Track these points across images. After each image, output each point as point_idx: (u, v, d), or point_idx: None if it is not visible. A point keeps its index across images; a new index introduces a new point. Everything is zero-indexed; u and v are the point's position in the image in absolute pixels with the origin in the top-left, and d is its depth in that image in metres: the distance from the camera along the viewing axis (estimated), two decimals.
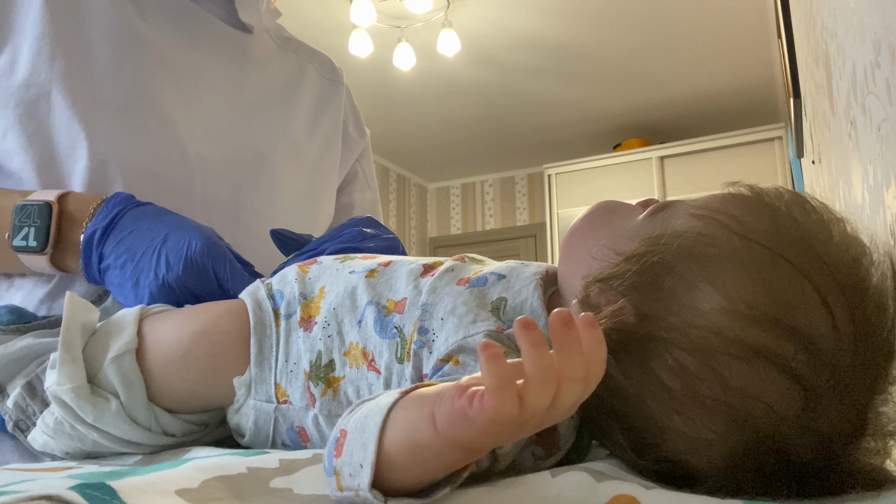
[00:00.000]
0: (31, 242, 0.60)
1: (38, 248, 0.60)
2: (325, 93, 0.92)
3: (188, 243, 0.57)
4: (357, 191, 0.97)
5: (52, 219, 0.60)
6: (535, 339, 0.26)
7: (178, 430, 0.51)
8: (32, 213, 0.60)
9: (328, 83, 0.93)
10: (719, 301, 0.35)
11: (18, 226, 0.60)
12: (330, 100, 0.92)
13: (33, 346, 0.54)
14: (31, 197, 0.61)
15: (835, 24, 0.87)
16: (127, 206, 0.60)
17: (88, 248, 0.59)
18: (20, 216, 0.60)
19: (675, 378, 0.35)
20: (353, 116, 0.97)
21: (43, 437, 0.50)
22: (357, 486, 0.29)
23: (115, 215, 0.60)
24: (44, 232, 0.60)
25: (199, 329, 0.51)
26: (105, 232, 0.59)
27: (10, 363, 0.53)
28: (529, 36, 3.33)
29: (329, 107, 0.92)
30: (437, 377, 0.42)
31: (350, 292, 0.49)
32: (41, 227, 0.59)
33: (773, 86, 3.84)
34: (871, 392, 0.35)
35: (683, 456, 0.36)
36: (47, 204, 0.60)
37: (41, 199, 0.60)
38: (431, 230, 5.53)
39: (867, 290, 0.35)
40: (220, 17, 0.80)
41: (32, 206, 0.60)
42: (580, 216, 0.47)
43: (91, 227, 0.60)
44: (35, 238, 0.60)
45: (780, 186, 0.40)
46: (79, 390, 0.47)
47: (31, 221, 0.60)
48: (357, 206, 0.97)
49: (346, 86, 0.96)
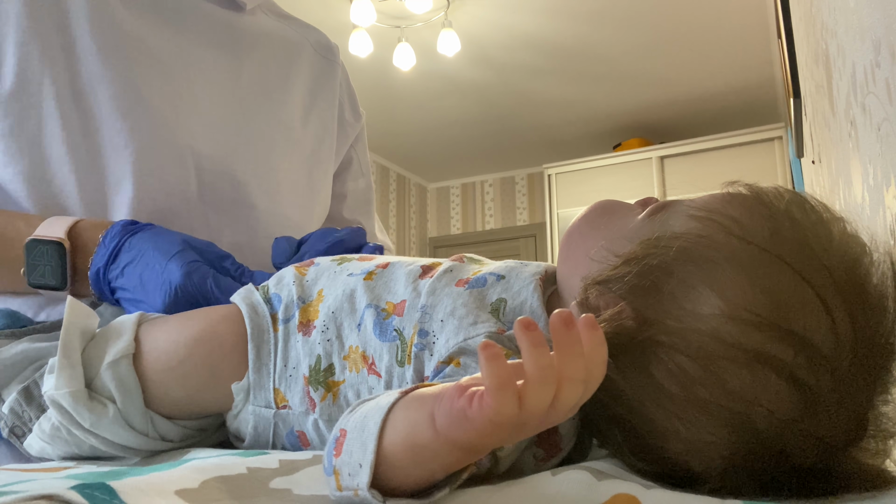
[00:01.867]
0: (50, 280, 0.60)
1: (58, 286, 0.60)
2: (321, 73, 0.89)
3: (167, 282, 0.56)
4: (351, 179, 0.94)
5: (65, 258, 0.60)
6: (536, 339, 0.26)
7: (176, 436, 0.51)
8: (45, 253, 0.60)
9: (324, 62, 0.90)
10: (718, 305, 0.34)
11: (33, 264, 0.60)
12: (325, 80, 0.89)
13: (29, 351, 0.53)
14: (40, 232, 0.60)
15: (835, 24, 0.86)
16: (123, 237, 0.60)
17: (97, 284, 0.60)
18: (33, 254, 0.60)
19: (675, 382, 0.35)
20: (349, 98, 0.93)
21: (39, 442, 0.49)
22: (356, 486, 0.29)
23: (112, 249, 0.59)
24: (59, 271, 0.60)
25: (197, 335, 0.50)
26: (106, 268, 0.59)
27: (5, 368, 0.52)
28: (529, 36, 3.33)
29: (324, 88, 0.89)
30: (438, 379, 0.41)
31: (349, 295, 0.49)
32: (56, 266, 0.60)
33: (773, 86, 3.84)
34: (871, 393, 0.35)
35: (683, 458, 0.35)
36: (59, 244, 0.59)
37: (51, 236, 0.60)
38: (431, 230, 5.53)
39: (867, 291, 0.35)
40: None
41: (44, 245, 0.59)
42: (578, 216, 0.47)
43: (94, 266, 0.60)
44: (52, 276, 0.60)
45: (779, 186, 0.40)
46: (76, 395, 0.47)
47: (45, 261, 0.60)
48: (350, 195, 0.94)
49: (342, 65, 0.93)
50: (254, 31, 0.81)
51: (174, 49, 0.72)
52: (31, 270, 0.60)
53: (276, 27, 0.86)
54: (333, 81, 0.90)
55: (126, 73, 0.67)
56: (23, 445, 0.51)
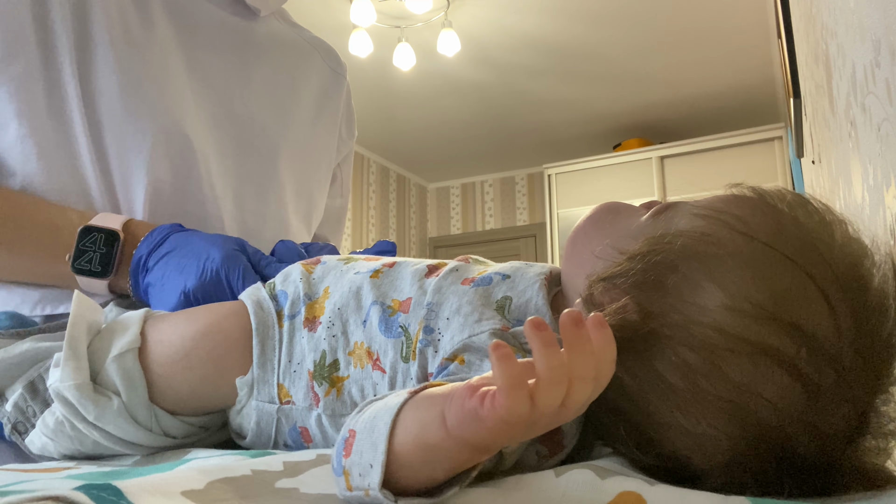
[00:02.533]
0: (95, 267, 0.62)
1: (101, 274, 0.62)
2: (329, 85, 0.91)
3: (207, 256, 0.58)
4: (330, 196, 0.95)
5: (116, 248, 0.62)
6: (547, 339, 0.26)
7: (179, 432, 0.51)
8: (98, 240, 0.62)
9: (333, 75, 0.92)
10: (722, 299, 0.35)
11: (82, 249, 0.61)
12: (333, 93, 0.91)
13: (33, 351, 0.53)
14: (95, 222, 0.63)
15: (835, 23, 0.87)
16: (172, 231, 0.62)
17: (136, 270, 0.62)
18: (85, 240, 0.61)
19: (679, 375, 0.35)
20: (347, 116, 0.96)
21: (42, 438, 0.50)
22: (367, 486, 0.29)
23: (158, 241, 0.62)
24: (108, 258, 0.62)
25: (203, 329, 0.51)
26: (148, 256, 0.61)
27: (10, 367, 0.52)
28: (529, 36, 3.33)
29: (331, 101, 0.91)
30: (442, 376, 0.42)
31: (355, 292, 0.49)
32: (106, 254, 0.62)
33: (773, 86, 3.84)
34: (872, 391, 0.35)
35: (686, 452, 0.36)
36: (115, 233, 0.62)
37: (107, 226, 0.62)
38: (431, 230, 5.53)
39: (869, 289, 0.35)
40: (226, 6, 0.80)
41: (99, 232, 0.62)
42: (584, 216, 0.47)
43: (137, 254, 0.62)
44: (99, 263, 0.62)
45: (782, 188, 0.40)
46: (81, 387, 0.47)
47: (97, 248, 0.62)
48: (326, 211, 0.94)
49: (348, 83, 0.95)
50: (265, 38, 0.84)
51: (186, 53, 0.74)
52: (79, 255, 0.61)
53: (287, 33, 0.88)
54: (339, 97, 0.92)
55: (140, 76, 0.69)
56: (24, 442, 0.51)
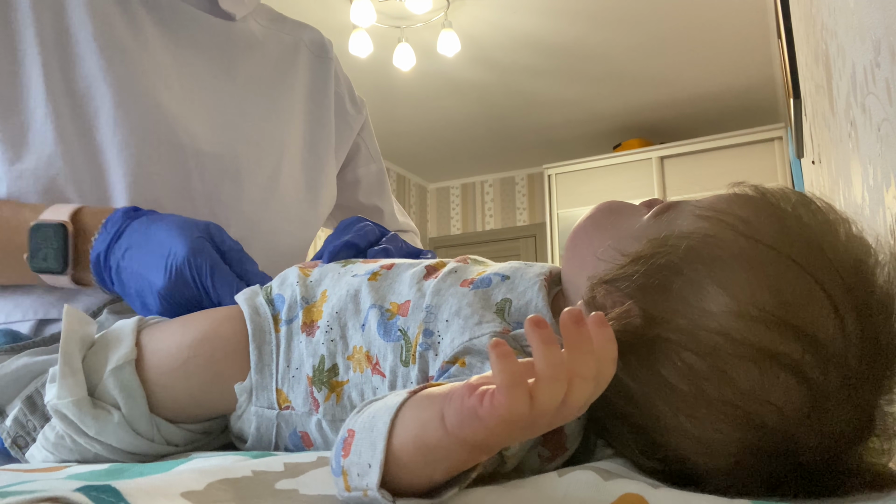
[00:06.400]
0: (51, 264, 0.60)
1: (57, 270, 0.61)
2: (317, 72, 0.91)
3: (169, 252, 0.56)
4: (362, 165, 0.97)
5: (67, 241, 0.60)
6: (547, 337, 0.26)
7: (181, 440, 0.51)
8: (48, 235, 0.60)
9: (318, 61, 0.92)
10: (727, 303, 0.34)
11: (36, 248, 0.60)
12: (322, 79, 0.91)
13: (30, 365, 0.53)
14: (44, 216, 0.61)
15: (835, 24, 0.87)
16: (124, 222, 0.60)
17: (98, 270, 0.60)
18: (36, 238, 0.60)
19: (683, 380, 0.35)
20: (347, 89, 0.96)
21: (42, 452, 0.49)
22: (365, 486, 0.29)
23: (113, 235, 0.60)
24: (61, 253, 0.60)
25: (199, 336, 0.50)
26: (107, 252, 0.59)
27: (8, 383, 0.52)
28: (529, 36, 3.33)
29: (321, 86, 0.91)
30: (443, 379, 0.41)
31: (353, 295, 0.49)
32: (58, 248, 0.60)
33: (773, 86, 3.84)
34: (877, 392, 0.35)
35: (690, 456, 0.36)
36: (62, 225, 0.60)
37: (55, 219, 0.60)
38: (431, 230, 5.53)
39: (873, 291, 0.35)
40: (203, 7, 0.80)
41: (47, 227, 0.60)
42: (584, 216, 0.47)
43: (95, 251, 0.60)
44: (54, 259, 0.60)
45: (785, 187, 0.40)
46: (80, 403, 0.47)
47: (48, 244, 0.60)
48: (363, 180, 0.97)
49: (336, 58, 0.95)
50: (247, 38, 0.84)
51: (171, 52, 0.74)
52: (34, 254, 0.60)
53: (268, 34, 0.88)
54: (329, 78, 0.92)
55: (125, 74, 0.68)
56: (24, 457, 0.51)
